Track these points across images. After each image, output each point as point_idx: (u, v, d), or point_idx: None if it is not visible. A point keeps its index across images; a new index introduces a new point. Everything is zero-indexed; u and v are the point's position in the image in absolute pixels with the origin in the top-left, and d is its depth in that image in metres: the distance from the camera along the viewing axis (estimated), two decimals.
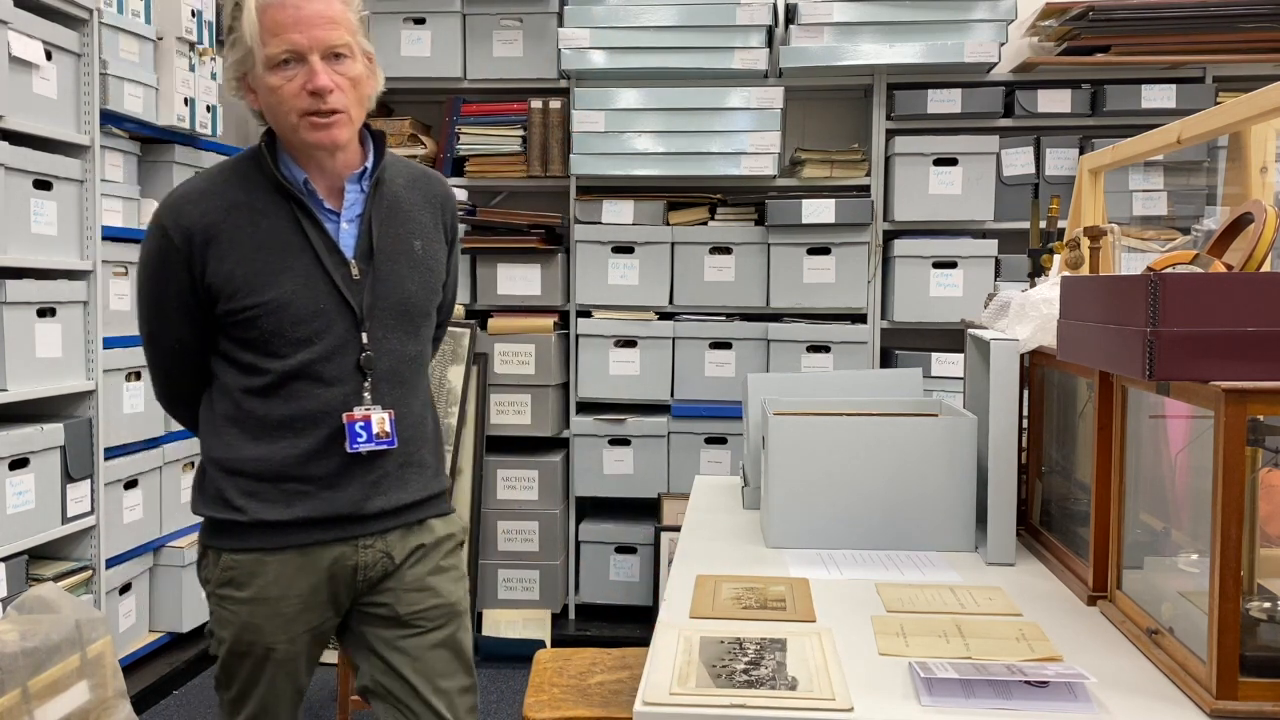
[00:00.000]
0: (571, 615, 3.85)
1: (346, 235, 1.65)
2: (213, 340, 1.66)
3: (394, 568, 1.70)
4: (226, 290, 1.59)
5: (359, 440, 1.61)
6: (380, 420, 1.63)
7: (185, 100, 3.37)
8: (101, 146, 3.05)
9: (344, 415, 1.61)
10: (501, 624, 3.71)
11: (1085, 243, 1.73)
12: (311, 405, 1.61)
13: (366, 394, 1.63)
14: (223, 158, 3.64)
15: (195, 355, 1.68)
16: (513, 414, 3.76)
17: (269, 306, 1.59)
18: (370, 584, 1.70)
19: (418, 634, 1.71)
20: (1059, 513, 1.79)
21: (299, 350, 1.60)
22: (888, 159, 3.70)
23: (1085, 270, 1.77)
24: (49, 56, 2.85)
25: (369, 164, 1.67)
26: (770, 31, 3.68)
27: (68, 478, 2.92)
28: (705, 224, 3.76)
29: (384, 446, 1.63)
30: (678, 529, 2.15)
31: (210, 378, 1.70)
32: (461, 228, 1.86)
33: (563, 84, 3.78)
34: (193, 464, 3.59)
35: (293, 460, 1.62)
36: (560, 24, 3.70)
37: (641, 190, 3.79)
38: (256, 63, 1.57)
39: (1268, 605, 1.20)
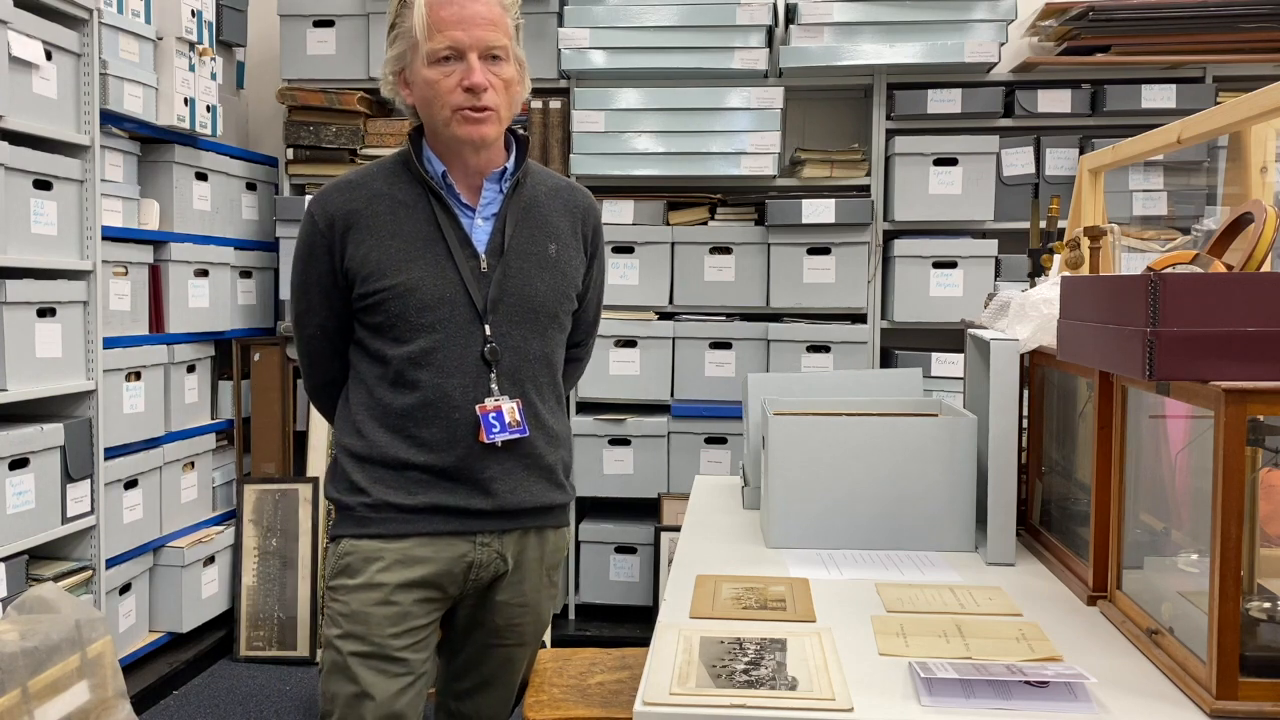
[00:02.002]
0: (571, 615, 3.85)
1: (480, 231, 1.71)
2: (352, 330, 1.73)
3: (505, 571, 1.72)
4: (362, 273, 1.66)
5: (494, 431, 1.65)
6: (510, 410, 1.67)
7: (185, 100, 3.37)
8: (101, 146, 3.05)
9: (476, 406, 1.65)
10: None
11: (1085, 243, 1.73)
12: (434, 395, 1.65)
13: (494, 385, 1.66)
14: (223, 158, 3.69)
15: (335, 342, 1.75)
16: None
17: (396, 290, 1.64)
18: (479, 586, 1.72)
19: (505, 645, 1.79)
20: (1059, 513, 1.79)
21: (420, 336, 1.64)
22: (888, 159, 3.70)
23: (1085, 270, 1.77)
24: (49, 56, 2.85)
25: (509, 165, 1.73)
26: (770, 31, 3.67)
27: (68, 478, 2.92)
28: (705, 224, 3.76)
29: (517, 435, 1.67)
30: (678, 529, 2.15)
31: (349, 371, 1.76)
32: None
33: (563, 84, 3.78)
34: (192, 464, 3.59)
35: (418, 449, 1.65)
36: (560, 24, 3.70)
37: (641, 190, 3.78)
38: (417, 57, 1.64)
39: (1268, 605, 1.20)
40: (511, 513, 1.70)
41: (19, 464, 2.74)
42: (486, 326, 1.67)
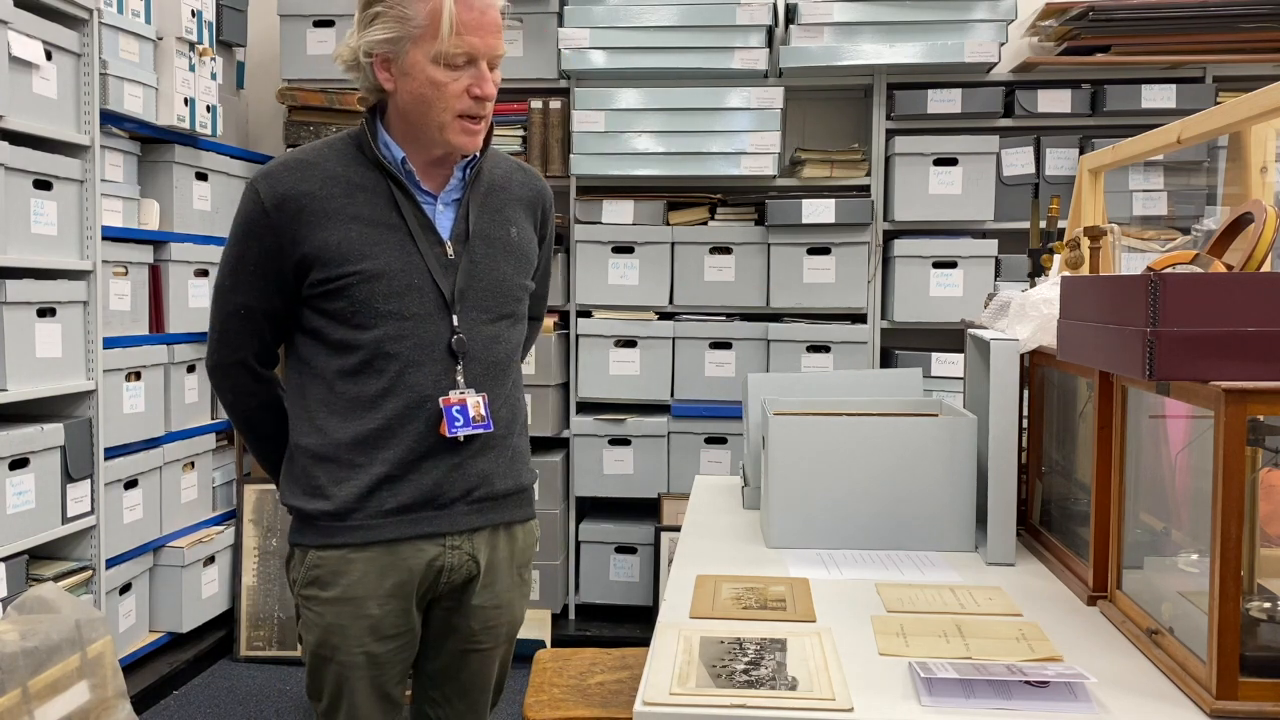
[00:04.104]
0: (571, 615, 3.85)
1: (443, 217, 1.68)
2: (300, 318, 1.66)
3: (477, 573, 1.70)
4: (321, 258, 1.60)
5: (456, 425, 1.61)
6: (475, 404, 1.64)
7: (185, 100, 3.37)
8: (101, 146, 3.05)
9: (440, 400, 1.61)
10: None
11: (1085, 243, 1.73)
12: (400, 383, 1.61)
13: (459, 377, 1.63)
14: (223, 157, 3.69)
15: (255, 323, 1.67)
16: None
17: (363, 275, 1.59)
18: (452, 588, 1.70)
19: (481, 649, 1.76)
20: (1059, 513, 1.79)
21: (387, 323, 1.60)
22: (888, 159, 3.70)
23: (1085, 270, 1.77)
24: (49, 56, 2.85)
25: (477, 153, 1.69)
26: (770, 31, 3.68)
27: (68, 478, 2.92)
28: (705, 224, 3.76)
29: (480, 430, 1.64)
30: (678, 529, 2.15)
31: (291, 360, 1.70)
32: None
33: (563, 84, 3.78)
34: (192, 464, 3.59)
35: (385, 437, 1.61)
36: (560, 24, 3.70)
37: (641, 190, 3.78)
38: (418, 50, 1.57)
39: (1268, 605, 1.20)
40: (479, 500, 1.67)
41: (19, 464, 2.74)
42: (454, 317, 1.64)
